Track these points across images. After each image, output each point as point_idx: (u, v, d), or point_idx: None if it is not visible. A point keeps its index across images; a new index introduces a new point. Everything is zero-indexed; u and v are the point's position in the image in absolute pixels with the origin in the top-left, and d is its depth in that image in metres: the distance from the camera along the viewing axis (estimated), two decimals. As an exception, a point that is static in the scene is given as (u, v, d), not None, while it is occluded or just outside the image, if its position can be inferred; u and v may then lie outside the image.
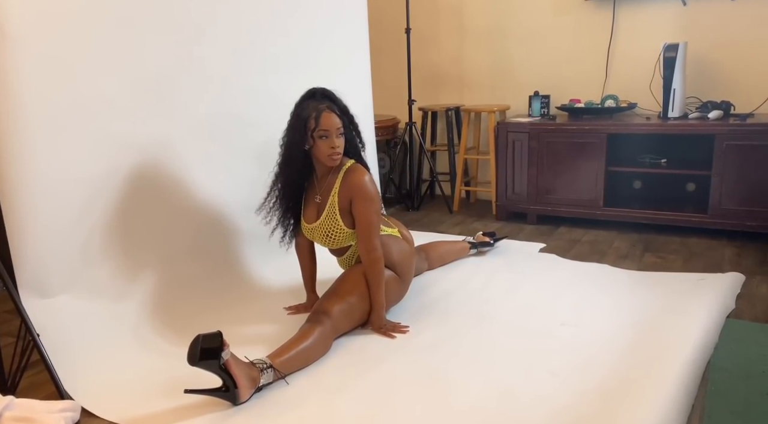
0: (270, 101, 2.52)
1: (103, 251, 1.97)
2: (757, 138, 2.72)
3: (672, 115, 3.05)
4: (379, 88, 3.98)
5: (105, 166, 1.95)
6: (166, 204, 2.17)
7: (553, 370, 1.72)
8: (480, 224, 3.39)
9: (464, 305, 2.21)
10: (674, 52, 2.98)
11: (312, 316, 1.89)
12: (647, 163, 3.13)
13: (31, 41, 1.70)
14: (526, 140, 3.24)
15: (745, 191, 2.78)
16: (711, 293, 2.18)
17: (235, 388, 1.58)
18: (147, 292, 2.10)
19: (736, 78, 3.13)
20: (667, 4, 3.21)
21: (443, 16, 3.87)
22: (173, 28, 2.12)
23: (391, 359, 1.82)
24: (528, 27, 3.61)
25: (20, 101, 1.69)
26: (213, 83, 2.30)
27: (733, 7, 3.07)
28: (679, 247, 2.82)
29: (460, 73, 3.90)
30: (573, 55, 3.52)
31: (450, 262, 2.66)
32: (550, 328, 1.99)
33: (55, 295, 1.82)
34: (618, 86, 3.43)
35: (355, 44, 3.02)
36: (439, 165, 4.10)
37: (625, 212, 3.08)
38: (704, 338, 1.85)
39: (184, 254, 2.25)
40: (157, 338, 2.00)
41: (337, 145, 1.92)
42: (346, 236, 2.03)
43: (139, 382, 1.75)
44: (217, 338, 1.55)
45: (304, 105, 1.94)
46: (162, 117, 2.12)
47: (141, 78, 2.03)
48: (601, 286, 2.34)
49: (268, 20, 2.51)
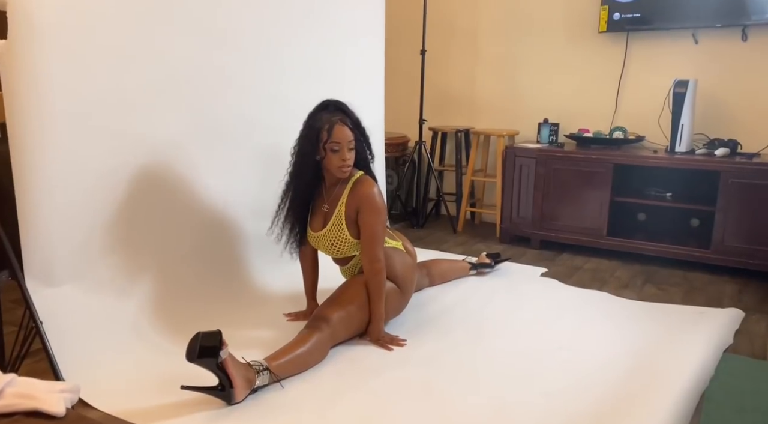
0: (284, 109, 2.57)
1: (110, 246, 2.00)
2: (763, 177, 2.74)
3: (679, 150, 3.08)
4: (392, 105, 4.05)
5: (118, 163, 1.99)
6: (174, 204, 2.21)
7: (548, 392, 1.72)
8: (483, 245, 3.41)
9: (463, 322, 2.22)
10: (684, 88, 3.03)
11: (311, 322, 1.91)
12: (652, 196, 3.15)
13: (60, 37, 1.75)
14: (534, 165, 3.27)
15: (749, 229, 2.79)
16: (709, 326, 2.18)
17: (231, 387, 1.59)
18: (150, 289, 2.12)
19: (744, 118, 3.17)
20: (679, 41, 3.27)
21: (458, 41, 3.94)
22: (198, 31, 2.18)
23: (387, 370, 1.83)
24: (541, 55, 3.67)
25: (45, 92, 1.74)
26: (231, 88, 2.36)
27: (743, 48, 3.13)
28: (681, 280, 2.83)
29: (472, 96, 3.96)
30: (584, 85, 3.57)
31: (450, 280, 2.67)
32: (548, 351, 1.99)
33: (60, 284, 1.85)
34: (627, 118, 3.47)
35: (371, 61, 3.08)
36: (446, 185, 4.14)
37: (628, 243, 3.10)
38: (700, 370, 1.85)
39: (189, 255, 2.27)
40: (156, 334, 2.02)
41: (348, 158, 1.95)
42: (350, 245, 2.05)
43: (136, 376, 1.77)
44: (217, 337, 1.57)
45: (318, 116, 1.97)
46: (178, 118, 2.17)
47: (161, 79, 2.08)
48: (600, 313, 2.34)
49: (289, 31, 2.57)
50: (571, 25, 3.55)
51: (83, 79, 1.84)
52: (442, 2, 3.95)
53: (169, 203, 2.19)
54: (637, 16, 3.26)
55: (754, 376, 1.87)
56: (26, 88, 1.71)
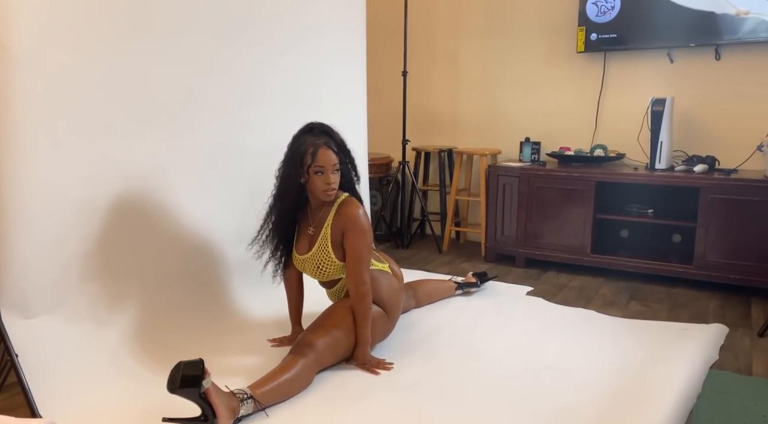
0: (265, 134, 2.56)
1: (88, 275, 1.96)
2: (741, 193, 2.78)
3: (659, 167, 3.12)
4: (375, 127, 4.06)
5: (96, 190, 1.96)
6: (154, 231, 2.17)
7: (536, 412, 1.71)
8: (469, 264, 3.40)
9: (449, 344, 2.20)
10: (661, 106, 3.08)
11: (295, 347, 1.88)
12: (634, 213, 3.18)
13: (35, 60, 1.73)
14: (517, 184, 3.29)
15: (729, 244, 2.83)
16: (695, 343, 2.19)
17: (214, 418, 1.55)
18: (130, 318, 2.08)
19: (720, 134, 3.23)
20: (656, 60, 3.34)
21: (439, 62, 3.99)
22: (177, 58, 2.17)
23: (374, 395, 1.81)
24: (521, 76, 3.73)
25: (20, 120, 1.71)
26: (211, 114, 2.34)
27: (717, 67, 3.20)
28: (665, 296, 2.85)
29: (454, 116, 3.99)
30: (564, 104, 3.63)
31: (437, 300, 2.66)
32: (535, 370, 1.98)
33: (36, 315, 1.80)
34: (607, 136, 3.52)
35: (353, 83, 3.09)
36: (430, 205, 4.14)
37: (612, 260, 3.11)
38: (687, 388, 1.85)
39: (170, 283, 2.23)
40: (137, 364, 1.97)
41: (333, 181, 1.94)
42: (336, 268, 2.03)
43: (116, 408, 1.71)
44: (199, 366, 1.53)
45: (302, 139, 1.96)
46: (158, 145, 2.15)
47: (141, 106, 2.06)
48: (586, 331, 2.34)
49: (269, 56, 2.57)
50: (551, 45, 3.62)
51: (60, 106, 1.81)
52: (423, 23, 4.00)
53: (149, 230, 2.15)
54: (613, 36, 3.33)
55: (740, 392, 1.87)
56: (0, 116, 1.68)
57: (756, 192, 2.75)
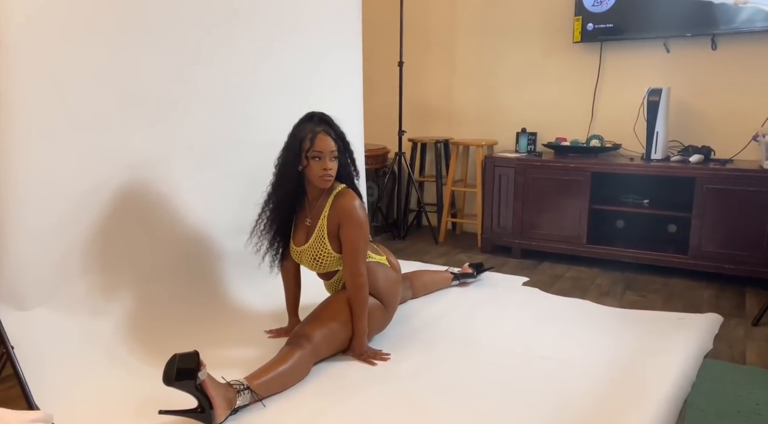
0: (260, 125, 2.55)
1: (83, 267, 1.95)
2: (736, 183, 2.79)
3: (655, 158, 3.12)
4: (371, 118, 4.04)
5: (91, 182, 1.95)
6: (150, 223, 2.16)
7: (532, 402, 1.72)
8: (465, 255, 3.41)
9: (446, 335, 2.21)
10: (657, 96, 3.08)
11: (292, 339, 1.88)
12: (630, 203, 3.19)
13: (30, 54, 1.71)
14: (513, 175, 3.29)
15: (724, 234, 2.84)
16: (689, 332, 2.20)
17: (211, 409, 1.55)
18: (126, 310, 2.07)
19: (716, 124, 3.23)
20: (652, 50, 3.33)
21: (435, 53, 3.97)
22: (172, 49, 2.15)
23: (371, 386, 1.81)
24: (517, 66, 3.71)
25: (13, 111, 1.70)
26: (205, 105, 2.33)
27: (713, 57, 3.19)
28: (660, 286, 2.86)
29: (450, 107, 3.98)
30: (560, 95, 3.62)
31: (433, 291, 2.66)
32: (530, 361, 1.99)
33: (31, 308, 1.80)
34: (603, 127, 3.52)
35: (349, 74, 3.08)
36: (427, 196, 4.14)
37: (607, 250, 3.12)
38: (682, 377, 1.86)
39: (166, 275, 2.23)
40: (132, 356, 1.96)
41: (330, 167, 1.94)
42: (333, 260, 2.03)
43: (112, 400, 1.71)
44: (194, 358, 1.54)
45: (302, 127, 1.97)
46: (152, 136, 2.14)
47: (134, 96, 2.05)
48: (581, 322, 2.35)
49: (264, 46, 2.56)
50: (547, 35, 3.60)
51: (54, 97, 1.80)
52: (419, 14, 3.97)
53: (145, 222, 2.14)
54: (610, 26, 3.32)
55: (735, 381, 1.89)
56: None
57: (751, 182, 2.75)
